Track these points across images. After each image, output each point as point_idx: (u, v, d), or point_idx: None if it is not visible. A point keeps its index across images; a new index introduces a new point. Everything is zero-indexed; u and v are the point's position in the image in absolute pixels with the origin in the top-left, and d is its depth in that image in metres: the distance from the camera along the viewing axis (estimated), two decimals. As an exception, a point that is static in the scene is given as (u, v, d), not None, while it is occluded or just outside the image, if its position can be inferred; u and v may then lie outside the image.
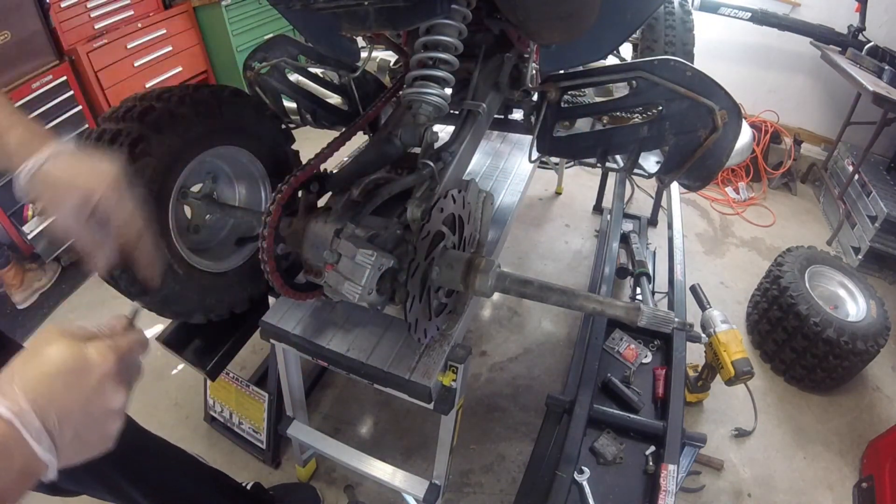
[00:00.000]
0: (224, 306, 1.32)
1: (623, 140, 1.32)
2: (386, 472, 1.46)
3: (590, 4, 0.96)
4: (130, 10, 2.87)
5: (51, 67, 2.48)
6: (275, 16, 3.49)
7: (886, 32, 3.06)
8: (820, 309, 2.04)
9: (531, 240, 2.94)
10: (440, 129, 1.71)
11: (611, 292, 2.14)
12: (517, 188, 1.82)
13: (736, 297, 2.62)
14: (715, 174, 1.29)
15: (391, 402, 1.97)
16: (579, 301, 0.97)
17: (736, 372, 1.69)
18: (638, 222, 2.70)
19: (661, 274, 2.41)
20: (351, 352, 1.17)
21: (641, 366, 1.84)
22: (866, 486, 1.78)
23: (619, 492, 1.46)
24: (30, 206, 2.45)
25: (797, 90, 3.61)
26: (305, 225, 1.04)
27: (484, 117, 1.20)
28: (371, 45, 1.36)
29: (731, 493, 1.81)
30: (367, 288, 0.88)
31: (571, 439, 1.49)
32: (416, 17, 0.92)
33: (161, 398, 2.00)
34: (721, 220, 3.28)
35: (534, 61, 1.32)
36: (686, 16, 1.94)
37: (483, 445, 1.87)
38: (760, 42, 3.48)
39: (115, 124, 1.06)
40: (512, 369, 2.17)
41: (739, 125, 1.18)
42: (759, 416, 2.01)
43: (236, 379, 1.73)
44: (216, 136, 1.20)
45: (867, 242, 2.78)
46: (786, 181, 3.59)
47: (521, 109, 1.47)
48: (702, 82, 1.16)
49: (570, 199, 3.29)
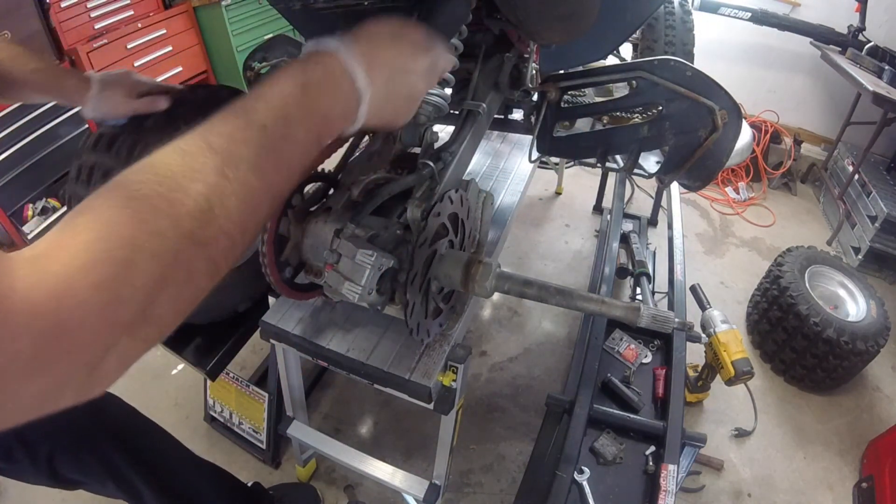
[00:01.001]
0: (227, 306, 1.32)
1: (623, 140, 1.32)
2: (386, 472, 1.47)
3: (590, 5, 0.96)
4: (130, 10, 2.87)
5: (51, 67, 2.48)
6: (275, 16, 3.48)
7: (886, 32, 3.06)
8: (820, 309, 2.04)
9: (531, 240, 2.94)
10: (440, 129, 1.71)
11: (611, 292, 2.14)
12: (517, 188, 1.82)
13: (736, 297, 2.62)
14: (715, 174, 1.29)
15: (391, 402, 1.97)
16: (579, 301, 0.97)
17: (736, 372, 1.69)
18: (638, 222, 2.70)
19: (661, 274, 2.41)
20: (351, 352, 1.17)
21: (641, 366, 1.84)
22: (866, 486, 1.78)
23: (619, 492, 1.46)
24: (29, 206, 2.46)
25: (797, 90, 3.61)
26: (305, 225, 1.04)
27: (484, 117, 1.20)
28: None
29: (731, 493, 1.81)
30: (367, 288, 0.88)
31: (571, 439, 1.49)
32: (416, 17, 0.92)
33: (161, 398, 2.00)
34: (721, 220, 3.28)
35: (534, 61, 1.32)
36: (686, 16, 1.94)
37: (483, 445, 1.87)
38: (760, 42, 3.48)
39: (112, 128, 1.07)
40: (512, 369, 2.17)
41: (739, 125, 1.18)
42: (759, 416, 2.01)
43: (236, 379, 1.73)
44: None
45: (867, 242, 2.78)
46: (786, 181, 3.59)
47: (521, 109, 1.47)
48: (702, 82, 1.16)
49: (570, 199, 3.29)
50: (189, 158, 0.40)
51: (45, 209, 2.50)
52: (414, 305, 0.92)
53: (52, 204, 2.53)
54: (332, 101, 0.52)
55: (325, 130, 0.51)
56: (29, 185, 2.42)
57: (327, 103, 0.51)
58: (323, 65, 0.52)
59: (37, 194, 2.49)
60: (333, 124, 0.52)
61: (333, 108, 0.52)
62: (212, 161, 0.40)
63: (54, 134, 2.49)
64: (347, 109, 0.54)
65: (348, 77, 0.53)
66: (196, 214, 0.38)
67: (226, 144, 0.42)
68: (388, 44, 0.59)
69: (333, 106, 0.52)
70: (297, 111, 0.47)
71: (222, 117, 0.45)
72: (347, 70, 0.53)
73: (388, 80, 0.57)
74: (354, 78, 0.53)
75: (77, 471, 1.08)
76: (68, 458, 1.05)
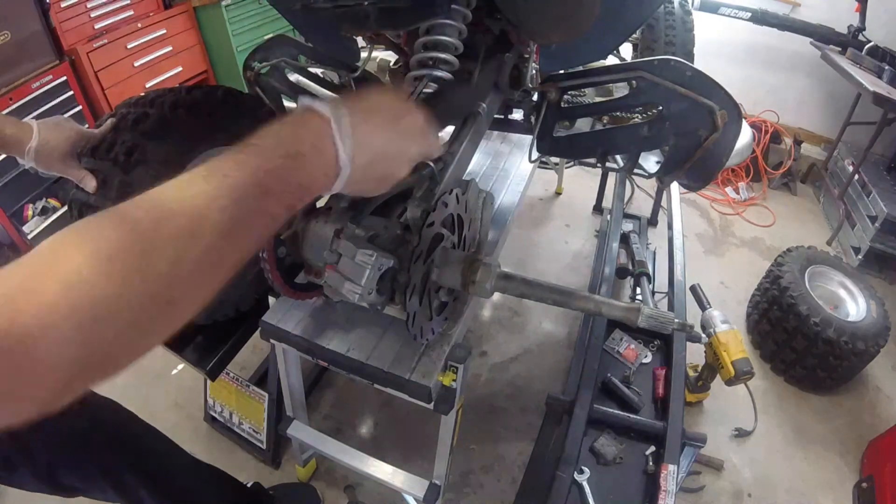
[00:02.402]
0: (230, 305, 1.32)
1: (623, 140, 1.32)
2: (386, 472, 1.47)
3: (590, 5, 0.96)
4: (130, 10, 2.86)
5: (51, 67, 2.48)
6: (275, 16, 3.48)
7: (886, 32, 3.06)
8: (820, 309, 2.04)
9: (531, 240, 2.94)
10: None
11: (611, 292, 2.14)
12: (517, 188, 1.82)
13: (736, 297, 2.62)
14: (715, 174, 1.29)
15: (391, 402, 1.97)
16: (579, 302, 0.97)
17: (736, 372, 1.69)
18: (638, 222, 2.70)
19: (661, 274, 2.41)
20: (351, 352, 1.17)
21: (641, 366, 1.84)
22: (866, 486, 1.78)
23: (619, 492, 1.46)
24: (29, 206, 2.46)
25: (797, 90, 3.61)
26: (305, 225, 1.04)
27: (484, 117, 1.20)
28: (371, 45, 1.36)
29: (731, 493, 1.81)
30: (368, 288, 0.88)
31: (571, 439, 1.49)
32: (417, 18, 0.92)
33: (161, 398, 2.00)
34: (721, 220, 3.28)
35: (534, 61, 1.32)
36: (686, 16, 1.94)
37: (483, 445, 1.87)
38: (760, 42, 3.48)
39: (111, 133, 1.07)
40: (512, 369, 2.17)
41: (739, 125, 1.18)
42: (759, 416, 2.01)
43: (236, 379, 1.73)
44: (211, 138, 1.20)
45: (867, 242, 2.78)
46: (786, 181, 3.59)
47: (521, 109, 1.47)
48: (702, 82, 1.16)
49: (570, 199, 3.29)
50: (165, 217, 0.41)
51: (45, 209, 2.50)
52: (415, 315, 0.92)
53: (52, 204, 2.52)
54: (314, 173, 0.52)
55: (297, 199, 0.51)
56: (29, 185, 2.42)
57: (308, 175, 0.51)
58: (314, 133, 0.52)
59: (37, 194, 2.49)
60: (308, 193, 0.53)
61: (313, 181, 0.52)
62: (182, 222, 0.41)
63: (54, 134, 2.49)
64: (325, 181, 0.54)
65: (334, 150, 0.53)
66: (164, 274, 0.39)
67: (200, 206, 0.42)
68: (383, 125, 0.59)
69: (313, 178, 0.52)
70: (276, 184, 0.47)
71: (206, 172, 0.45)
72: (335, 144, 0.53)
73: (371, 161, 0.57)
74: (339, 153, 0.53)
75: (77, 478, 1.07)
76: (68, 466, 1.04)
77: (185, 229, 0.41)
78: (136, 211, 0.40)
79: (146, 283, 0.38)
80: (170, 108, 1.11)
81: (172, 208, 0.41)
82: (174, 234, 0.40)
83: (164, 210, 0.41)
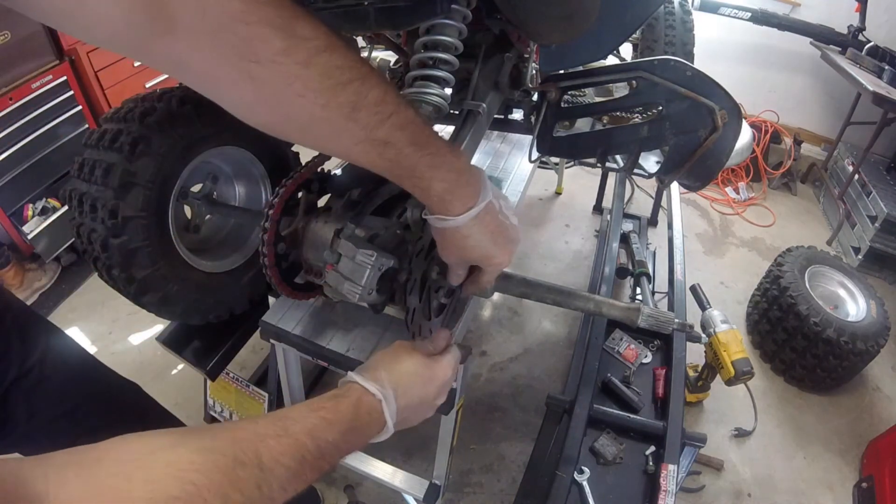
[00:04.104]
0: (224, 307, 1.32)
1: (623, 140, 1.32)
2: (386, 472, 1.47)
3: (589, 5, 0.95)
4: (130, 10, 2.86)
5: (51, 67, 2.48)
6: (275, 16, 3.48)
7: (886, 32, 3.07)
8: (820, 309, 2.04)
9: (531, 240, 2.94)
10: (440, 129, 1.71)
11: (611, 292, 2.14)
12: (517, 188, 1.82)
13: (736, 297, 2.62)
14: (715, 174, 1.29)
15: (391, 402, 1.97)
16: (579, 301, 0.97)
17: (736, 372, 1.69)
18: (638, 222, 2.70)
19: (661, 274, 2.41)
20: (351, 352, 1.17)
21: (641, 366, 1.83)
22: (866, 486, 1.78)
23: (619, 492, 1.46)
24: (29, 206, 2.46)
25: (797, 90, 3.61)
26: (306, 225, 1.04)
27: (484, 117, 1.20)
28: (371, 45, 1.36)
29: (731, 493, 1.81)
30: (367, 288, 0.88)
31: (571, 439, 1.49)
32: (417, 17, 0.92)
33: (161, 398, 1.96)
34: (721, 220, 3.28)
35: (534, 61, 1.32)
36: (686, 16, 1.94)
37: (483, 445, 1.87)
38: (760, 42, 3.48)
39: (116, 125, 1.07)
40: (512, 369, 2.17)
41: (739, 125, 1.18)
42: (759, 416, 2.01)
43: (236, 379, 1.73)
44: (217, 137, 1.20)
45: (867, 242, 2.78)
46: (786, 181, 3.59)
47: (521, 109, 1.47)
48: (702, 82, 1.16)
49: (570, 199, 3.29)
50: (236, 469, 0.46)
51: (45, 209, 2.50)
52: (414, 311, 0.92)
53: (52, 204, 2.52)
54: (364, 440, 0.62)
55: (344, 455, 0.59)
56: (29, 185, 2.42)
57: (360, 442, 0.61)
58: (368, 411, 0.63)
59: (37, 194, 2.48)
60: (353, 450, 0.62)
61: (362, 444, 0.63)
62: (254, 475, 0.47)
63: (54, 134, 2.48)
64: (370, 440, 0.65)
65: (384, 421, 0.64)
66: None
67: (269, 462, 0.49)
68: (420, 395, 0.71)
69: (363, 443, 0.63)
70: (332, 451, 0.56)
71: (278, 433, 0.52)
72: (386, 418, 0.64)
73: (409, 415, 0.71)
74: (388, 422, 0.65)
75: None
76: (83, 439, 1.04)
77: (255, 482, 0.47)
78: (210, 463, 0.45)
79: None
80: (177, 104, 1.11)
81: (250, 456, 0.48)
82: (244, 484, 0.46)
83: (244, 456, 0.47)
